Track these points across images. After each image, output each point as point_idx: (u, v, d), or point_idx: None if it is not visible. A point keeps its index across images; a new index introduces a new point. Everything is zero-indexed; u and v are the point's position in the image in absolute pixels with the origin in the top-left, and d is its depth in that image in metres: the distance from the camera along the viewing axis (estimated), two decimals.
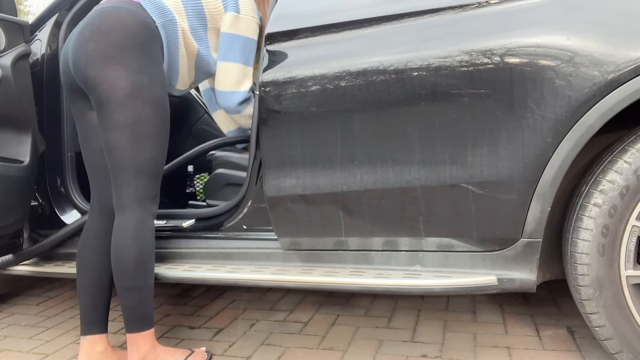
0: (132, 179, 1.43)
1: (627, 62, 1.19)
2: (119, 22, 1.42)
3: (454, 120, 1.33)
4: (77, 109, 1.57)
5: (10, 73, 1.71)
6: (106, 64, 1.39)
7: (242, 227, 1.72)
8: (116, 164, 1.43)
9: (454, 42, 1.32)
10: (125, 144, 1.41)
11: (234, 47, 1.69)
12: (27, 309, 2.22)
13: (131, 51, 1.42)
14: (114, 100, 1.39)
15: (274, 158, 1.53)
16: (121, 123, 1.40)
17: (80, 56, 1.42)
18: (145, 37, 1.45)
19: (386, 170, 1.42)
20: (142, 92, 1.41)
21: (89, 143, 1.57)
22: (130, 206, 1.43)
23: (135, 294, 1.42)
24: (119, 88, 1.39)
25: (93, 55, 1.40)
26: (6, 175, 1.73)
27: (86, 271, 1.55)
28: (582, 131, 1.24)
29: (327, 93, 1.43)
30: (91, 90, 1.42)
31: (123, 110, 1.40)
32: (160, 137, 1.47)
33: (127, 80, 1.39)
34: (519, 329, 1.74)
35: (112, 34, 1.41)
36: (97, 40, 1.40)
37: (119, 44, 1.40)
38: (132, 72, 1.40)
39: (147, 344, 1.45)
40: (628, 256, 1.27)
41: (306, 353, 1.65)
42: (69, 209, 2.01)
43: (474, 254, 1.42)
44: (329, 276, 1.49)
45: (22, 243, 1.98)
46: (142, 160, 1.43)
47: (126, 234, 1.42)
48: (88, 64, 1.41)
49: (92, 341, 1.54)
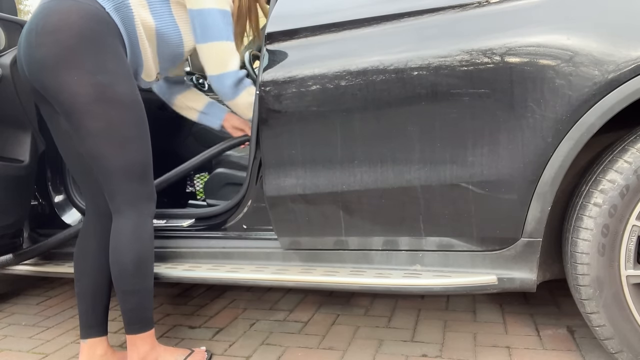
0: (122, 184, 1.37)
1: (627, 61, 1.19)
2: (63, 19, 1.28)
3: (454, 119, 1.33)
4: (47, 114, 1.47)
5: (10, 73, 1.71)
6: (59, 71, 1.27)
7: (242, 226, 1.72)
8: (102, 172, 1.36)
9: (454, 42, 1.32)
10: (104, 152, 1.33)
11: (206, 24, 1.52)
12: (27, 309, 2.22)
13: (83, 51, 1.28)
14: (78, 108, 1.29)
15: (274, 157, 1.53)
16: (93, 131, 1.31)
17: (33, 65, 1.31)
18: (96, 31, 1.31)
19: (386, 170, 1.42)
20: (105, 94, 1.30)
21: (67, 149, 1.49)
22: (125, 210, 1.39)
23: (134, 296, 1.41)
24: (80, 94, 1.28)
25: (44, 63, 1.28)
26: (6, 175, 1.73)
27: (85, 274, 1.53)
28: (582, 131, 1.24)
29: (327, 92, 1.43)
30: (53, 100, 1.33)
31: (90, 117, 1.30)
32: (140, 135, 1.38)
33: (85, 85, 1.28)
34: (519, 328, 1.74)
35: (59, 34, 1.27)
36: (45, 45, 1.28)
37: (67, 45, 1.27)
38: (89, 74, 1.28)
39: (146, 345, 1.44)
40: (628, 256, 1.27)
41: (306, 353, 1.65)
42: (69, 208, 2.01)
43: (474, 253, 1.42)
44: (329, 276, 1.49)
45: (22, 243, 1.98)
46: (126, 163, 1.35)
47: (123, 238, 1.39)
48: (42, 73, 1.30)
49: (93, 344, 1.52)
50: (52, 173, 1.99)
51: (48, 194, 2.00)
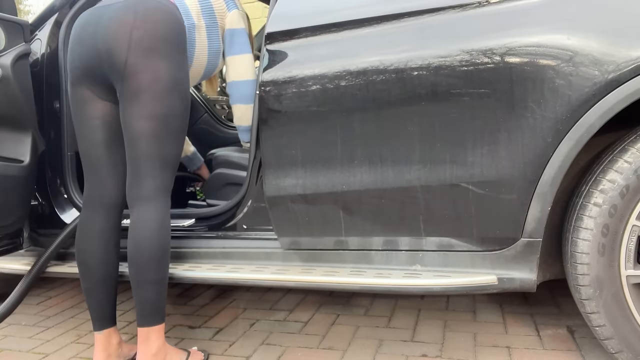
0: (157, 170, 1.44)
1: (627, 61, 1.19)
2: (165, 16, 1.43)
3: (454, 119, 1.33)
4: (82, 98, 1.51)
5: (10, 73, 1.70)
6: (151, 54, 1.39)
7: (242, 226, 1.72)
8: (143, 153, 1.42)
9: (454, 42, 1.32)
10: (157, 134, 1.42)
11: (241, 40, 1.79)
12: (27, 309, 2.22)
13: (175, 47, 1.44)
14: (154, 90, 1.40)
15: (274, 158, 1.53)
16: (157, 114, 1.41)
17: (121, 42, 1.39)
18: (183, 37, 1.48)
19: (386, 170, 1.42)
20: (180, 89, 1.45)
21: (90, 136, 1.52)
22: (154, 197, 1.44)
23: (156, 286, 1.42)
24: (162, 80, 1.40)
25: (138, 43, 1.38)
26: (6, 175, 1.72)
27: (96, 269, 1.52)
28: (582, 131, 1.24)
29: (327, 92, 1.43)
30: (127, 77, 1.39)
31: (160, 101, 1.41)
32: (184, 134, 1.51)
33: (169, 74, 1.41)
34: (519, 328, 1.74)
35: (160, 25, 1.41)
36: (144, 29, 1.39)
37: (166, 38, 1.41)
38: (174, 68, 1.43)
39: (159, 340, 1.45)
40: (628, 256, 1.27)
41: (306, 353, 1.65)
42: (69, 208, 2.01)
43: (474, 253, 1.42)
44: (329, 276, 1.49)
45: (22, 243, 1.98)
46: (168, 153, 1.45)
47: (153, 225, 1.42)
48: (131, 50, 1.38)
49: (108, 335, 1.55)
50: (52, 173, 1.99)
51: (48, 194, 2.00)
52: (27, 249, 1.97)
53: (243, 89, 1.80)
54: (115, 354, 1.55)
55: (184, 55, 1.48)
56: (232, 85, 1.82)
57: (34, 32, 1.99)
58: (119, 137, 1.52)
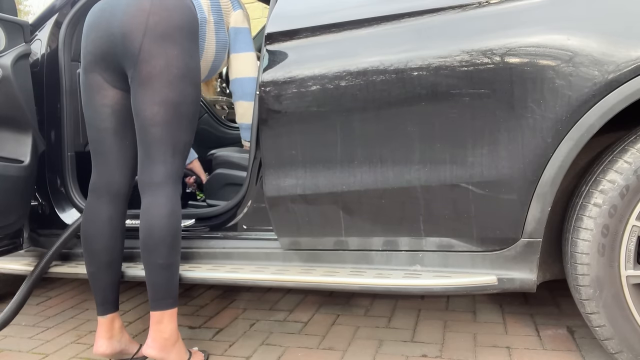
0: (169, 156, 1.45)
1: (627, 61, 1.19)
2: (180, 5, 1.45)
3: (454, 120, 1.33)
4: (93, 85, 1.52)
5: (10, 73, 1.70)
6: (166, 41, 1.41)
7: (242, 227, 1.72)
8: (155, 140, 1.44)
9: (454, 42, 1.32)
10: (169, 120, 1.43)
11: (245, 39, 1.85)
12: (27, 309, 2.22)
13: (189, 35, 1.46)
14: (166, 77, 1.41)
15: (274, 158, 1.53)
16: (170, 100, 1.42)
17: (137, 27, 1.40)
18: (196, 27, 1.50)
19: (386, 170, 1.42)
20: (192, 75, 1.47)
21: (99, 123, 1.53)
22: (165, 183, 1.45)
23: (168, 270, 1.44)
24: (175, 67, 1.42)
25: (154, 29, 1.40)
26: (6, 175, 1.72)
27: (102, 255, 1.54)
28: (582, 131, 1.24)
29: (327, 93, 1.43)
30: (140, 62, 1.41)
31: (173, 88, 1.42)
32: (195, 122, 1.52)
33: (182, 62, 1.43)
34: (519, 328, 1.74)
35: (175, 13, 1.43)
36: (160, 15, 1.41)
37: (180, 25, 1.43)
38: (187, 56, 1.45)
39: (172, 324, 1.46)
40: (628, 256, 1.27)
41: (306, 353, 1.65)
42: (69, 208, 2.01)
43: (474, 253, 1.42)
44: (329, 276, 1.49)
45: (22, 243, 1.98)
46: (179, 139, 1.46)
47: (163, 210, 1.43)
48: (147, 36, 1.40)
49: (112, 319, 1.56)
50: (52, 173, 1.99)
51: (48, 194, 2.00)
52: (27, 249, 1.97)
53: (246, 86, 1.82)
54: (117, 338, 1.57)
55: (196, 44, 1.49)
56: (235, 83, 1.84)
57: (34, 32, 1.99)
58: (128, 125, 1.53)
